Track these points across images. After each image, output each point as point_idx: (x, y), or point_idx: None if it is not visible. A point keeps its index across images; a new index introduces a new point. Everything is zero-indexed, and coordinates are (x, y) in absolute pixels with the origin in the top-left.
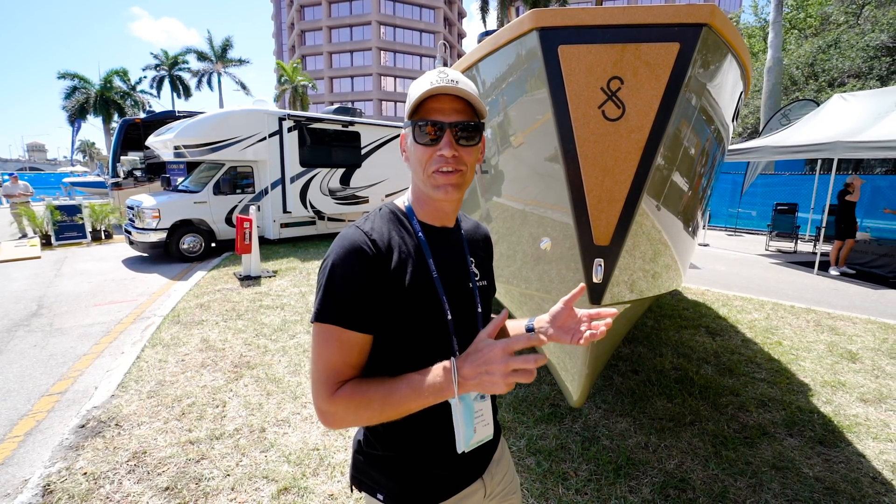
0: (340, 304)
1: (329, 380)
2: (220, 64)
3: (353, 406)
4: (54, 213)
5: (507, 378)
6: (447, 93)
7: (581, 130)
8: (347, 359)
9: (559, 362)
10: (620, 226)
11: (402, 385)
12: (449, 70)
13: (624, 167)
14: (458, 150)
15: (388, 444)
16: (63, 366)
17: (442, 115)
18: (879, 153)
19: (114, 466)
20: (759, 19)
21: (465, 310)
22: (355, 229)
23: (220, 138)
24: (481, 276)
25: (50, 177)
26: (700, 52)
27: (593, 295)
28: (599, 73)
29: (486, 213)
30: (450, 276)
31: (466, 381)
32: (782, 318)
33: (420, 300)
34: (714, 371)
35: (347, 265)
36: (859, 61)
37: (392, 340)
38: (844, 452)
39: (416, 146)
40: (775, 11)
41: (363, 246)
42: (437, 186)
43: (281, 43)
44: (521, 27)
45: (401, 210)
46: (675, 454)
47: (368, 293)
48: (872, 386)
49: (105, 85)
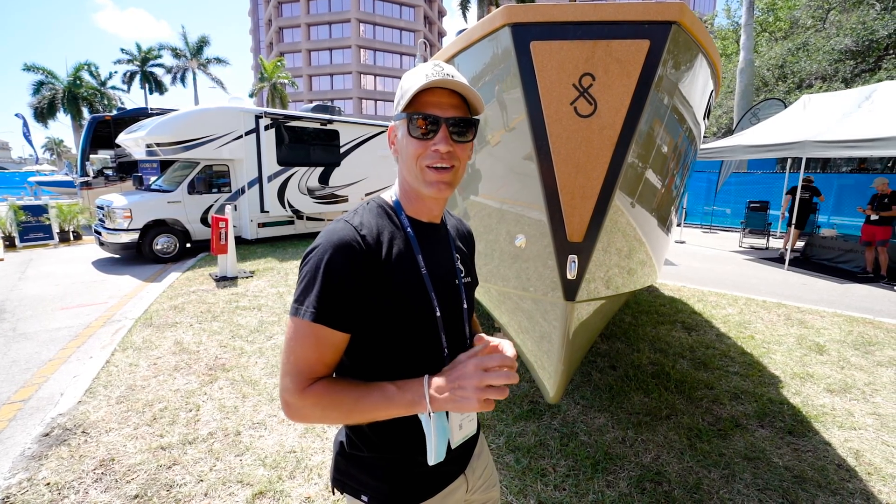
0: (323, 301)
1: (301, 375)
2: (194, 61)
3: (322, 405)
4: (18, 213)
5: (479, 393)
6: (444, 86)
7: (554, 127)
8: (322, 357)
9: (535, 360)
10: (593, 222)
11: (375, 393)
12: (444, 64)
13: (596, 164)
14: (453, 146)
15: (373, 446)
16: (26, 372)
17: (438, 109)
18: (845, 152)
19: (79, 475)
20: (732, 22)
21: (452, 306)
22: (345, 224)
23: (194, 136)
24: (466, 272)
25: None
26: (670, 49)
27: (568, 292)
28: (571, 70)
29: (463, 211)
30: (438, 273)
31: (439, 396)
32: (755, 313)
33: (410, 296)
34: (690, 365)
35: (335, 261)
36: (825, 64)
37: (381, 337)
38: (812, 441)
39: (409, 139)
40: (747, 14)
41: (352, 242)
42: (430, 183)
43: (258, 39)
44: (493, 23)
45: (388, 205)
46: (651, 448)
47: (354, 291)
48: (838, 377)
49: (74, 81)
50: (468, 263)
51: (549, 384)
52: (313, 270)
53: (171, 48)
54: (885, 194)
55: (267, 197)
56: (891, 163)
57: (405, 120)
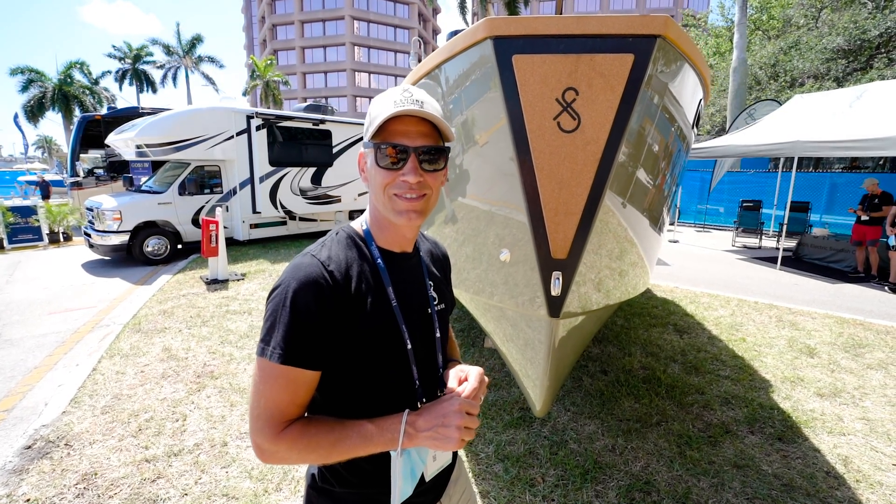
0: (290, 341)
1: (274, 419)
2: (187, 59)
3: (298, 449)
4: (6, 214)
5: (460, 433)
6: (412, 114)
7: (537, 142)
8: (294, 398)
9: (522, 371)
10: (578, 239)
11: (353, 434)
12: (414, 89)
13: (580, 180)
14: (423, 176)
15: (345, 482)
16: (11, 380)
17: (406, 139)
18: (836, 152)
19: (61, 491)
20: (726, 20)
21: (424, 336)
22: (311, 258)
23: (184, 137)
24: (439, 299)
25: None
26: (655, 63)
27: (552, 308)
28: (554, 84)
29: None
30: (409, 304)
31: (419, 434)
32: (746, 315)
33: (380, 330)
34: (681, 369)
35: (301, 299)
36: (818, 63)
37: (351, 372)
38: (801, 448)
39: (377, 170)
40: (740, 13)
41: (319, 279)
42: (400, 212)
43: (252, 37)
44: (476, 35)
45: (359, 235)
46: (641, 456)
47: (322, 329)
48: (828, 380)
49: (64, 79)
50: (442, 289)
51: (535, 398)
52: (279, 309)
53: (163, 45)
54: (876, 195)
55: (259, 198)
56: (883, 161)
57: (373, 150)
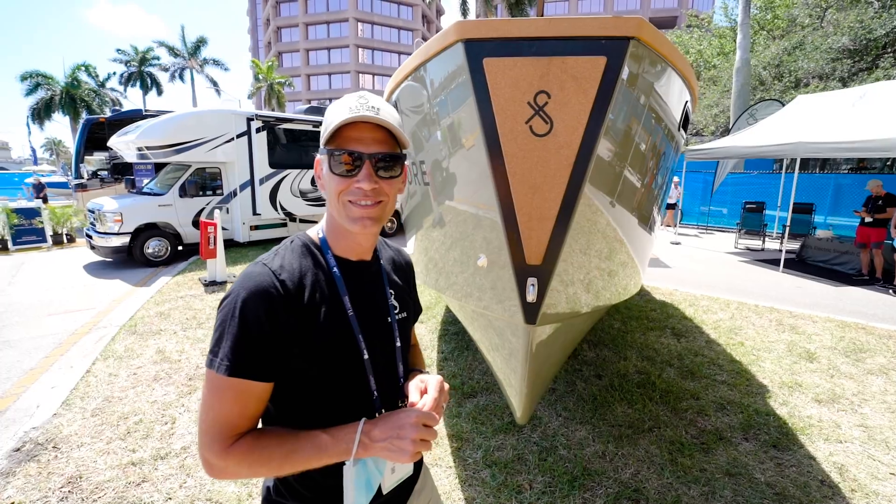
0: (239, 353)
1: (223, 433)
2: (192, 61)
3: (248, 463)
4: (10, 216)
5: (415, 446)
6: (367, 121)
7: (509, 146)
8: (244, 410)
9: (504, 378)
10: (553, 244)
11: (307, 445)
12: (370, 95)
13: (553, 184)
14: (379, 182)
15: (298, 496)
16: (7, 382)
17: (361, 145)
18: (838, 153)
19: (45, 494)
20: (730, 20)
21: (382, 346)
22: (262, 267)
23: (185, 139)
24: (401, 307)
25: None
26: (629, 65)
27: (528, 315)
28: (526, 88)
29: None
30: (367, 313)
31: (374, 444)
32: (746, 318)
33: (334, 341)
34: (677, 374)
35: (250, 309)
36: (822, 63)
37: (306, 383)
38: (796, 455)
39: (331, 176)
40: (743, 13)
41: (270, 289)
42: (354, 219)
43: (257, 39)
44: (447, 39)
45: (314, 243)
46: (631, 463)
47: (272, 340)
48: (827, 386)
49: (71, 82)
50: (404, 297)
51: (516, 405)
52: (227, 319)
53: (168, 46)
54: (880, 196)
55: (259, 200)
56: (890, 162)
57: (327, 156)
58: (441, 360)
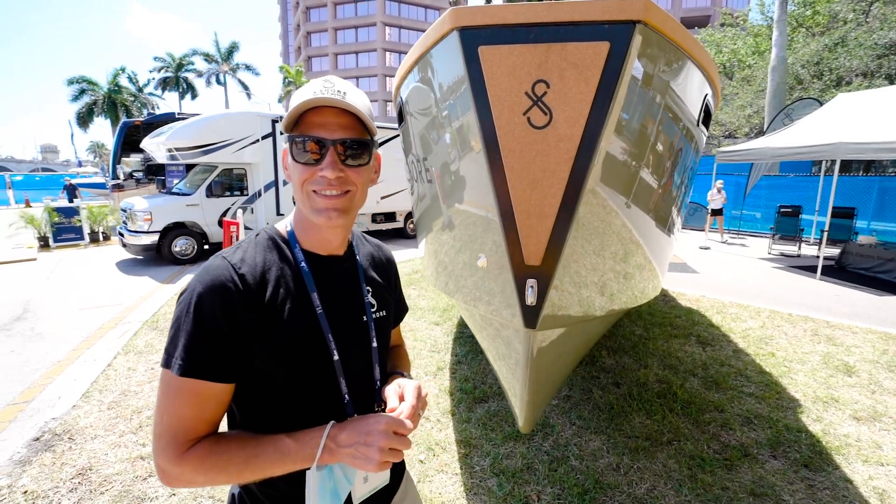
0: (193, 351)
1: (177, 437)
2: (225, 65)
3: (205, 470)
4: (52, 214)
5: (382, 455)
6: (331, 105)
7: (506, 139)
8: (201, 413)
9: (507, 384)
10: (553, 243)
11: (269, 449)
12: (336, 79)
13: (553, 179)
14: (345, 171)
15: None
16: (36, 373)
17: (325, 131)
18: (883, 154)
19: (56, 484)
20: (766, 17)
21: (356, 347)
22: (221, 260)
23: (211, 141)
24: (379, 306)
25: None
26: (635, 51)
27: (527, 319)
28: (523, 77)
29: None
30: (339, 311)
31: (340, 450)
32: (778, 327)
33: (300, 340)
34: (700, 384)
35: (205, 305)
36: (867, 60)
37: (270, 385)
38: (830, 477)
39: (294, 165)
40: (780, 9)
41: (227, 283)
42: (319, 210)
43: (287, 44)
44: (443, 27)
45: (281, 236)
46: (647, 477)
47: (230, 338)
48: (867, 402)
49: (113, 87)
50: (384, 296)
51: (518, 412)
52: (182, 315)
53: (202, 53)
54: None
55: (283, 200)
56: None
57: (289, 143)
58: (454, 364)
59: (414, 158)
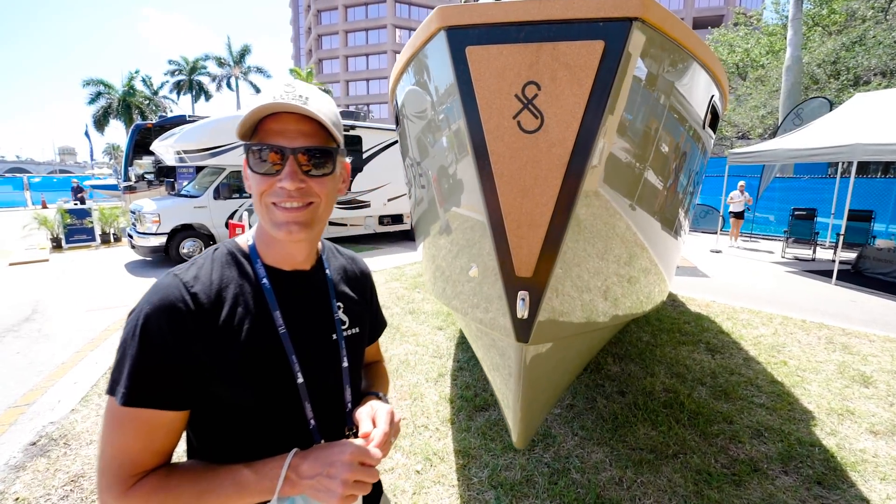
0: (140, 378)
1: (122, 472)
2: (237, 69)
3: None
4: (64, 216)
5: (345, 488)
6: (292, 111)
7: (495, 145)
8: (149, 444)
9: (502, 397)
10: (545, 254)
11: (225, 482)
12: (298, 83)
13: (545, 187)
14: (306, 181)
15: None
16: (39, 375)
17: (284, 139)
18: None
19: (48, 491)
20: (781, 16)
21: (324, 367)
22: (172, 278)
23: (218, 143)
24: (351, 322)
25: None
26: (632, 50)
27: (519, 332)
28: (513, 78)
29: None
30: (304, 330)
31: (302, 481)
32: (791, 334)
33: (260, 362)
34: (709, 394)
35: (152, 327)
36: (886, 58)
37: (226, 411)
38: (845, 496)
39: (253, 176)
40: (794, 8)
41: (177, 303)
42: (279, 224)
43: (298, 47)
44: (430, 27)
45: (242, 251)
46: (650, 492)
47: (179, 362)
48: (886, 415)
49: (128, 90)
50: (357, 311)
51: (511, 427)
52: (128, 339)
53: (215, 57)
54: None
55: None
56: None
57: (246, 152)
58: (456, 370)
59: (409, 162)
